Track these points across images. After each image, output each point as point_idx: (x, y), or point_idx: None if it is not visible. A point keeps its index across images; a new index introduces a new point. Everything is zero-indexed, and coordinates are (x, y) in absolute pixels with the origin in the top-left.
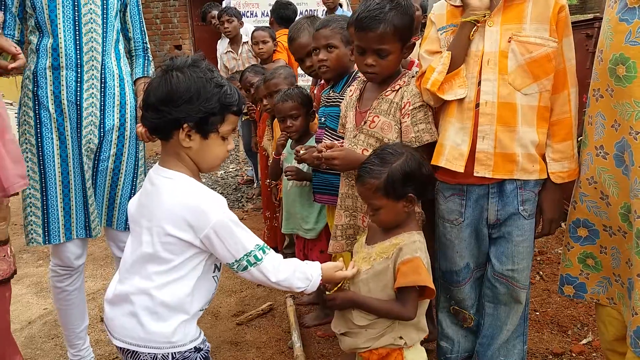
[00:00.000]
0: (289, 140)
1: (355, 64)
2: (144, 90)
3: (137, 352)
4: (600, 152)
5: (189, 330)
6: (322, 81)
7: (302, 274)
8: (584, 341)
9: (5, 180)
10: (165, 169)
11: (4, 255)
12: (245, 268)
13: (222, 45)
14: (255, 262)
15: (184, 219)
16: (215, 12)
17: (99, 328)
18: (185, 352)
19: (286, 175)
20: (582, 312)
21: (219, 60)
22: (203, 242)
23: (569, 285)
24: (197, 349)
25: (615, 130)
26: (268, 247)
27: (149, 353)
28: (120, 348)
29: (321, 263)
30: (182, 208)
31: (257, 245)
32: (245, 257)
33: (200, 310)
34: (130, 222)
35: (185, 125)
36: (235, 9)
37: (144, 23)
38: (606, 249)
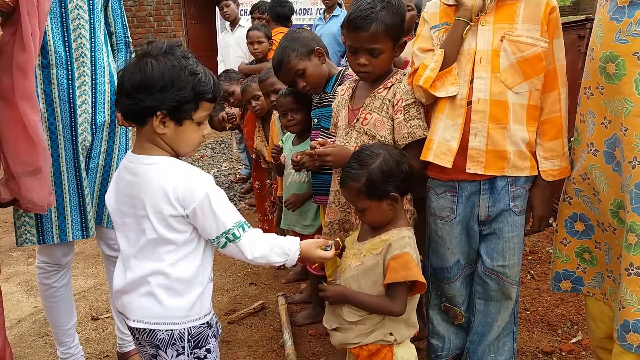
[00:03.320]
0: (290, 137)
1: (339, 65)
2: (118, 75)
3: (154, 331)
4: (591, 149)
5: (204, 304)
6: None
7: (280, 249)
8: (574, 340)
9: (40, 200)
10: (147, 156)
11: None
12: (225, 245)
13: (226, 37)
14: (234, 240)
15: (175, 197)
16: (230, 4)
17: (89, 326)
18: (199, 326)
19: (286, 206)
20: (572, 311)
21: (219, 53)
22: (189, 216)
23: (566, 280)
24: (209, 325)
25: (605, 128)
26: (248, 224)
27: (166, 330)
28: (137, 329)
29: None
30: (172, 187)
31: (237, 222)
32: (224, 234)
33: (210, 281)
34: (116, 216)
35: (158, 113)
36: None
37: (125, 17)
38: (600, 245)
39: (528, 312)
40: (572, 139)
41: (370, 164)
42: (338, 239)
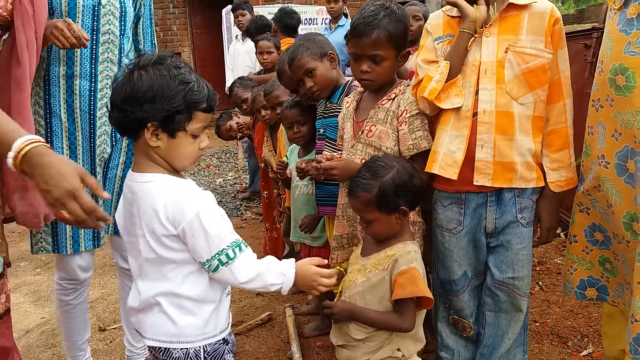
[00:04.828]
0: (295, 149)
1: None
2: (111, 89)
3: (169, 349)
4: (602, 162)
5: (220, 319)
6: None
7: (276, 269)
8: (584, 352)
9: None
10: (141, 174)
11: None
12: (217, 268)
13: (236, 46)
14: (227, 261)
15: (166, 216)
16: (246, 13)
17: (96, 337)
18: (215, 343)
19: (302, 230)
20: (582, 323)
21: (228, 61)
22: (179, 235)
23: (591, 288)
24: (225, 341)
25: (616, 140)
26: (245, 244)
27: (181, 349)
28: (153, 347)
29: None
30: (162, 205)
31: (234, 242)
32: (216, 256)
33: (228, 295)
34: (125, 235)
35: (149, 125)
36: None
37: (155, 35)
38: (618, 256)
39: (537, 324)
40: (582, 152)
41: (383, 176)
42: (340, 268)
